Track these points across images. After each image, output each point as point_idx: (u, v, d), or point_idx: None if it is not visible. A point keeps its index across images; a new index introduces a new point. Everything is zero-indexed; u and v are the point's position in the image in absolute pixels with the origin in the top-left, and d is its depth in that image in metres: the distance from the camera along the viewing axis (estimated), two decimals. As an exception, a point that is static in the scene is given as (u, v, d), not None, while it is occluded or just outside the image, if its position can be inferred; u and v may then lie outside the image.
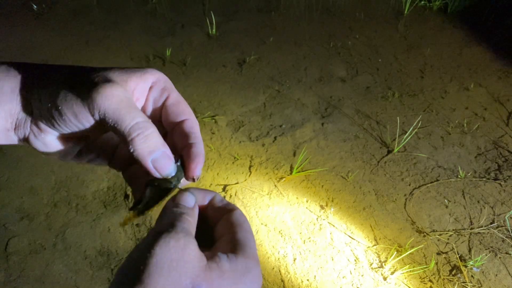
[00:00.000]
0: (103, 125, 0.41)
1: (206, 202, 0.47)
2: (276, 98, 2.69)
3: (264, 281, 1.73)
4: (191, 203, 0.44)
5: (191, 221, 0.41)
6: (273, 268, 1.77)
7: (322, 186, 2.12)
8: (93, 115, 0.40)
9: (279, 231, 1.91)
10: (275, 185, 2.12)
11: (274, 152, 2.30)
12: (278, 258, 1.81)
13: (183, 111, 0.46)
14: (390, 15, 3.58)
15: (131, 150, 0.41)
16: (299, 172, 2.15)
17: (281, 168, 2.21)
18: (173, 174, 0.44)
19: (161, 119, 0.47)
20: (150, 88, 0.46)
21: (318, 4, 3.73)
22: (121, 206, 2.01)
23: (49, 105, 0.41)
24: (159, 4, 3.71)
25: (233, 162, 2.24)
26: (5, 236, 1.89)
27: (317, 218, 1.97)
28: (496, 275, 1.76)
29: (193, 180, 0.46)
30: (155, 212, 0.43)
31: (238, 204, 2.02)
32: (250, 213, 1.98)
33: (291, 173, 2.16)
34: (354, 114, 2.57)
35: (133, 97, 0.44)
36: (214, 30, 3.27)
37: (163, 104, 0.46)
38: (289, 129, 2.45)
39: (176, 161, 0.45)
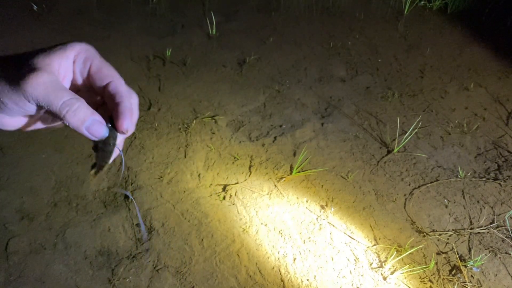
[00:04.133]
0: (41, 108, 0.47)
1: None
2: (276, 98, 2.69)
3: (264, 281, 1.73)
4: None
5: None
6: (273, 268, 1.77)
7: (322, 186, 2.12)
8: (29, 102, 0.46)
9: (279, 231, 1.91)
10: (275, 185, 2.12)
11: (274, 152, 2.30)
12: (278, 258, 1.81)
13: (106, 75, 0.51)
14: (390, 15, 3.58)
15: (67, 124, 0.47)
16: (299, 172, 2.15)
17: (281, 168, 2.21)
18: (107, 135, 0.51)
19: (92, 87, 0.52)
20: (74, 62, 0.50)
21: (318, 4, 3.73)
22: (121, 206, 2.01)
23: None
24: (159, 4, 3.71)
25: (233, 162, 2.24)
26: (5, 236, 1.90)
27: (317, 218, 1.97)
28: (496, 275, 1.76)
29: (123, 133, 0.52)
30: (155, 211, 0.44)
31: (238, 204, 2.02)
32: (250, 213, 1.98)
33: (291, 173, 2.16)
34: (354, 114, 2.57)
35: (59, 76, 0.49)
36: (214, 30, 3.27)
37: (89, 73, 0.51)
38: (289, 129, 2.45)
39: (107, 123, 0.51)
